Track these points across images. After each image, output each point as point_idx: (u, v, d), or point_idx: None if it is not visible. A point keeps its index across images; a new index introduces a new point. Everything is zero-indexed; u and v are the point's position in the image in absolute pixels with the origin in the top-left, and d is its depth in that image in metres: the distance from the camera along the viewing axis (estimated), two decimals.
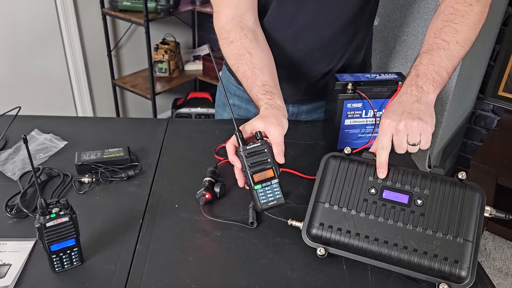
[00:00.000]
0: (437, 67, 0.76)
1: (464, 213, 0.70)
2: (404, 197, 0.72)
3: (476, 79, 2.00)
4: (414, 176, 0.74)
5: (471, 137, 2.23)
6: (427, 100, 0.74)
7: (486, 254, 2.05)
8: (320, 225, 0.73)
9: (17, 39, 2.15)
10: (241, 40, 0.90)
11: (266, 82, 0.85)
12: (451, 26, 0.79)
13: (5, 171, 0.91)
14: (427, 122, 0.72)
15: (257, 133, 0.78)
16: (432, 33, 0.80)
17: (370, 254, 0.70)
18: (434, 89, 0.75)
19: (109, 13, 2.39)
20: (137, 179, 0.91)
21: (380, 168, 0.74)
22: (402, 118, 0.72)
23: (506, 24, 1.93)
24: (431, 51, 0.78)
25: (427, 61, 0.77)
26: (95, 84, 2.59)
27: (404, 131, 0.72)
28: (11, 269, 0.70)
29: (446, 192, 0.72)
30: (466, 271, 0.66)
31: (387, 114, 0.75)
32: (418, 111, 0.72)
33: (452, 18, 0.80)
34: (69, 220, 0.66)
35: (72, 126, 1.10)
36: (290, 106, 1.17)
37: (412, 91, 0.75)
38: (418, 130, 0.72)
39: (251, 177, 0.76)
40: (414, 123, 0.71)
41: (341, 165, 0.77)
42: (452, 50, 0.78)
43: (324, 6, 0.97)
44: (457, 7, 0.81)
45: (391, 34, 1.69)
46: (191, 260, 0.73)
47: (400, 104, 0.75)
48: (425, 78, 0.76)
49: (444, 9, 0.82)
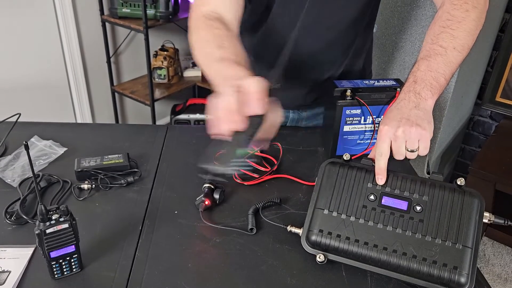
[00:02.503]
0: (435, 73, 0.76)
1: (463, 219, 0.70)
2: (403, 204, 0.72)
3: (474, 85, 2.01)
4: (413, 183, 0.74)
5: (469, 143, 2.24)
6: (425, 106, 0.74)
7: (485, 260, 2.05)
8: (319, 232, 0.73)
9: (17, 46, 2.15)
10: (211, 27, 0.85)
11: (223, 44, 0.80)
12: (448, 32, 0.79)
13: (5, 177, 0.91)
14: (425, 129, 0.72)
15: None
16: (430, 39, 0.80)
17: (369, 260, 0.71)
18: (432, 95, 0.75)
19: (108, 20, 2.39)
20: (137, 185, 0.91)
21: (379, 175, 0.74)
22: (401, 125, 0.72)
23: (503, 30, 1.94)
24: (428, 57, 0.78)
25: (424, 67, 0.77)
26: (94, 90, 2.59)
27: (402, 137, 0.72)
28: (11, 276, 0.70)
29: (445, 198, 0.72)
30: (465, 277, 0.66)
31: (386, 120, 0.75)
32: (416, 117, 0.72)
33: (449, 24, 0.80)
34: (69, 227, 0.66)
35: (71, 132, 1.10)
36: (291, 113, 1.17)
37: (410, 97, 0.75)
38: (416, 137, 0.72)
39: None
40: (412, 130, 0.71)
41: (340, 171, 0.77)
42: (450, 56, 0.78)
43: (325, 11, 0.97)
44: (454, 13, 0.81)
45: (389, 41, 1.70)
46: (191, 266, 0.73)
47: (398, 111, 0.75)
48: (423, 84, 0.75)
49: (441, 14, 0.82)
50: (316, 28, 1.00)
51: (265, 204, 0.86)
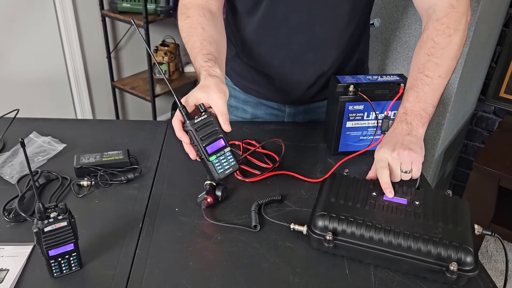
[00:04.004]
0: (423, 104, 0.83)
1: (457, 211, 0.75)
2: (402, 200, 0.77)
3: (478, 81, 1.99)
4: (408, 189, 0.80)
5: (472, 139, 2.23)
6: (417, 134, 0.81)
7: (488, 256, 2.04)
8: (326, 215, 0.73)
9: (16, 41, 2.14)
10: (198, 16, 0.92)
11: (211, 52, 0.86)
12: (433, 60, 0.85)
13: (3, 174, 0.90)
14: (417, 152, 0.79)
15: (201, 105, 0.79)
16: (416, 67, 0.86)
17: (377, 242, 0.70)
18: (422, 124, 0.82)
19: (108, 14, 2.38)
20: (137, 182, 0.90)
21: (387, 189, 0.78)
22: (396, 148, 0.79)
23: (507, 25, 1.92)
24: (416, 88, 0.84)
25: (413, 98, 0.83)
26: (95, 86, 2.58)
27: (397, 158, 0.79)
28: (9, 274, 0.69)
29: (438, 198, 0.78)
30: (471, 255, 0.67)
31: (382, 145, 0.82)
32: (409, 143, 0.79)
33: (433, 52, 0.85)
34: (67, 225, 0.65)
35: (71, 128, 1.09)
36: (287, 107, 1.17)
37: (402, 127, 0.82)
38: (409, 159, 0.78)
39: (204, 149, 0.77)
40: (405, 153, 0.78)
41: (342, 177, 0.83)
42: (436, 84, 0.84)
43: (317, 6, 0.96)
44: (437, 40, 0.86)
45: (393, 36, 1.69)
46: (192, 264, 0.72)
47: (393, 137, 0.81)
48: (413, 115, 0.82)
49: (426, 40, 0.87)
50: (309, 24, 0.99)
51: (268, 201, 0.85)
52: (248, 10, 1.01)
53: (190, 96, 0.81)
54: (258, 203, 0.83)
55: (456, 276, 0.66)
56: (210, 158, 0.78)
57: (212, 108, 0.80)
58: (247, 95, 1.17)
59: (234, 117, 1.21)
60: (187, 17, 0.92)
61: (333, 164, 0.96)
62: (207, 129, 0.78)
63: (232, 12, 1.06)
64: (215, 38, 0.90)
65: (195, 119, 0.77)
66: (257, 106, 1.18)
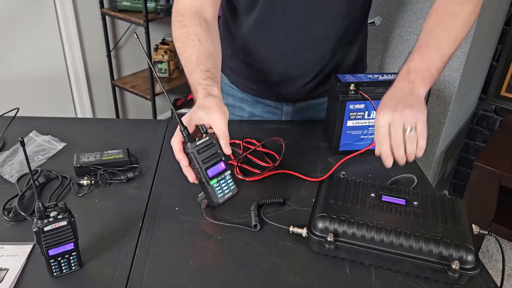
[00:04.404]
0: (427, 65, 0.80)
1: (455, 210, 0.75)
2: (401, 201, 0.77)
3: (479, 80, 1.99)
4: (406, 190, 0.80)
5: (473, 138, 2.22)
6: (418, 93, 0.78)
7: (489, 256, 2.04)
8: (326, 216, 0.72)
9: (16, 40, 2.14)
10: (194, 26, 0.90)
11: (209, 68, 0.85)
12: (443, 26, 0.83)
13: (3, 173, 0.90)
14: (421, 110, 0.76)
15: (202, 127, 0.76)
16: (425, 31, 0.84)
17: (377, 242, 0.70)
18: (424, 84, 0.79)
19: (108, 13, 2.37)
20: (137, 181, 0.90)
21: (386, 159, 0.77)
22: (397, 108, 0.76)
23: (508, 24, 1.92)
24: (422, 49, 0.82)
25: (418, 58, 0.81)
26: (95, 84, 2.58)
27: (399, 118, 0.75)
28: (9, 274, 0.68)
29: (436, 198, 0.78)
30: (472, 253, 0.67)
31: (381, 107, 0.79)
32: (412, 101, 0.76)
33: (443, 17, 0.84)
34: (67, 224, 0.65)
35: (70, 127, 1.09)
36: (284, 105, 1.16)
37: (404, 86, 0.79)
38: (412, 117, 0.75)
39: (205, 173, 0.76)
40: (407, 111, 0.75)
41: (339, 179, 0.82)
42: (443, 48, 0.82)
43: (314, 4, 0.96)
44: (449, 6, 0.85)
45: (393, 34, 1.68)
46: (192, 264, 0.72)
47: (393, 97, 0.79)
48: (416, 74, 0.80)
49: (437, 7, 0.86)
50: (306, 22, 0.98)
51: (270, 203, 0.84)
52: (245, 8, 1.00)
53: (192, 116, 0.78)
54: (258, 203, 0.83)
55: (458, 274, 0.66)
56: (210, 182, 0.77)
57: (213, 129, 0.78)
58: (244, 93, 1.17)
59: (232, 116, 1.20)
60: (183, 26, 0.91)
61: (334, 163, 0.96)
62: (209, 152, 0.76)
63: (229, 10, 1.06)
64: (211, 52, 0.89)
65: (197, 141, 0.75)
66: (254, 104, 1.18)
